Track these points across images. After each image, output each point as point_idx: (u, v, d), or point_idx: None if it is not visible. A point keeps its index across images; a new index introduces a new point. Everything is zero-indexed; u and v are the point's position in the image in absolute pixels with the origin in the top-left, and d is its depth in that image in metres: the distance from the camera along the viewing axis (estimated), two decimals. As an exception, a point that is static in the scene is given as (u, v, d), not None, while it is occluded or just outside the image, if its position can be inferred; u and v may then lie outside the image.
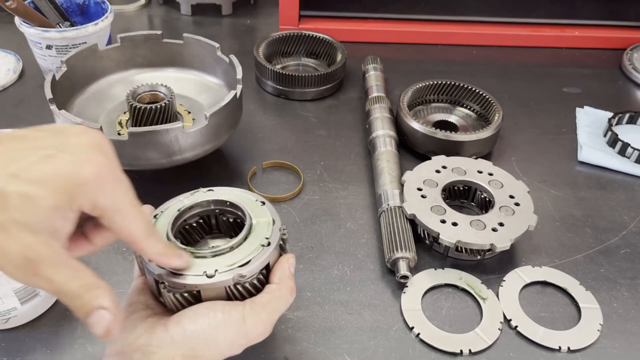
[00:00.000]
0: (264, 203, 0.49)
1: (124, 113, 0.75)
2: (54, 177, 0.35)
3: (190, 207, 0.49)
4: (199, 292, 0.44)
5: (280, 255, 0.48)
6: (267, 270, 0.46)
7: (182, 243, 0.45)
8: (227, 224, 0.51)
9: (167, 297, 0.44)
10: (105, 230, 0.40)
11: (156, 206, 0.50)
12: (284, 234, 0.47)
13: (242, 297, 0.45)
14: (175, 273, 0.43)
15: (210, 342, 0.42)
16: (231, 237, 0.51)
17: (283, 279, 0.46)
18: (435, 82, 0.86)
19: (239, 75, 0.72)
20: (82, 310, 0.36)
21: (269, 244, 0.45)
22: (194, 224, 0.51)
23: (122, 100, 0.76)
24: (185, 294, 0.44)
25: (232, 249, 0.45)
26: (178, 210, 0.48)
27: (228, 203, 0.49)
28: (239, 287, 0.44)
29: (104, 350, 0.55)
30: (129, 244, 0.40)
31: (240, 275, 0.43)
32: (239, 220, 0.49)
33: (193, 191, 0.51)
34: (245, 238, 0.46)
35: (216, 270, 0.43)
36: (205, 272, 0.43)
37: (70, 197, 0.35)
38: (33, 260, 0.34)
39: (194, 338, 0.42)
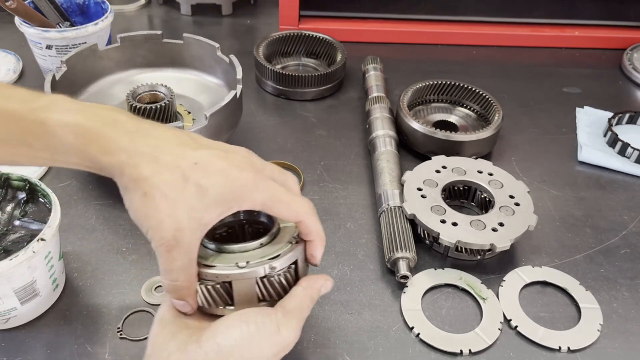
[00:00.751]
0: None
1: (124, 113, 0.75)
2: (224, 172, 0.41)
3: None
4: (230, 283, 0.44)
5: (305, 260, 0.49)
6: (296, 269, 0.47)
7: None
8: (254, 233, 0.52)
9: (198, 290, 0.45)
10: None
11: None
12: None
13: (271, 293, 0.46)
14: (207, 265, 0.44)
15: (245, 356, 0.41)
16: None
17: (310, 281, 0.46)
18: (435, 82, 0.86)
19: (239, 75, 0.72)
20: (172, 294, 0.43)
21: (297, 242, 0.47)
22: (224, 234, 0.51)
23: (122, 100, 0.76)
24: (217, 286, 0.44)
25: (261, 245, 0.47)
26: None
27: (255, 213, 0.51)
28: (270, 279, 0.45)
29: (104, 350, 0.55)
30: (297, 222, 0.46)
31: (271, 267, 0.44)
32: (266, 230, 0.49)
33: None
34: (274, 238, 0.48)
35: (247, 262, 0.44)
36: (237, 263, 0.44)
37: (230, 195, 0.41)
38: (177, 241, 0.40)
39: (229, 352, 0.40)
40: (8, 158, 0.44)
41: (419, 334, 0.58)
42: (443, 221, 0.64)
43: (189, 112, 0.76)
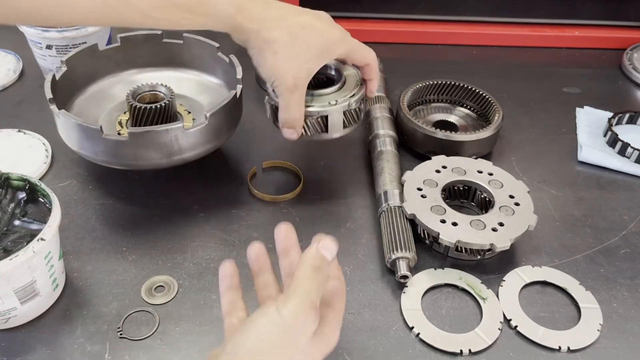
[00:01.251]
0: (344, 62, 0.69)
1: (124, 113, 0.75)
2: (321, 34, 0.60)
3: None
4: (326, 117, 0.65)
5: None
6: (365, 102, 0.69)
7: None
8: (321, 82, 0.70)
9: (304, 124, 0.64)
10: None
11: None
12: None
13: (351, 121, 0.67)
14: (308, 105, 0.64)
15: (258, 347, 0.40)
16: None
17: (304, 253, 0.44)
18: (435, 82, 0.86)
19: (239, 75, 0.72)
20: (287, 125, 0.63)
21: (361, 84, 0.68)
22: None
23: (122, 100, 0.76)
24: (318, 119, 0.65)
25: (339, 89, 0.67)
26: None
27: (327, 66, 0.69)
28: (351, 111, 0.66)
29: (104, 350, 0.55)
30: (365, 65, 0.66)
31: (351, 102, 0.65)
32: (332, 78, 0.70)
33: None
34: (344, 84, 0.67)
35: (336, 101, 0.65)
36: (329, 102, 0.65)
37: (325, 50, 0.60)
38: (296, 85, 0.59)
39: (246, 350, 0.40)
40: (174, 20, 0.56)
41: (418, 333, 0.58)
42: (443, 221, 0.64)
43: (189, 112, 0.76)
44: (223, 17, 0.57)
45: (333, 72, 0.70)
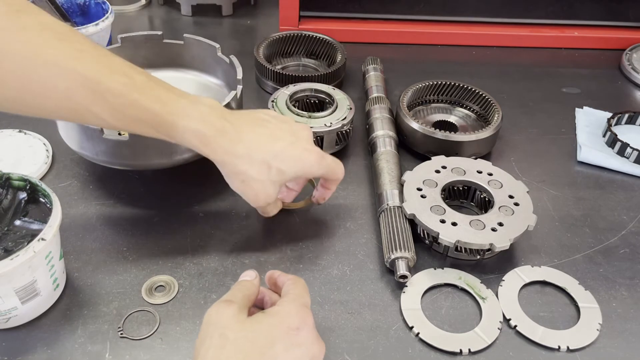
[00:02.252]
0: (334, 89, 0.81)
1: (125, 113, 0.76)
2: (296, 159, 0.59)
3: (295, 93, 0.81)
4: (322, 137, 0.75)
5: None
6: (352, 123, 0.78)
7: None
8: (315, 105, 0.82)
9: None
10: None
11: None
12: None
13: (342, 140, 0.78)
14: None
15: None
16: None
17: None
18: (435, 83, 0.87)
19: (240, 75, 0.72)
20: (265, 215, 0.65)
21: (350, 108, 0.79)
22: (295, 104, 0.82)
23: (122, 100, 0.76)
24: (315, 139, 0.72)
25: (332, 112, 0.78)
26: (289, 95, 0.80)
27: (314, 89, 0.82)
28: (342, 131, 0.76)
29: (105, 350, 0.55)
30: (335, 180, 0.65)
31: (343, 125, 0.76)
32: (323, 102, 0.82)
33: (285, 87, 0.82)
34: (337, 107, 0.78)
35: (331, 123, 0.76)
36: (324, 124, 0.75)
37: (300, 173, 0.61)
38: (268, 202, 0.61)
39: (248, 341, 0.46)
40: (139, 131, 0.55)
41: (418, 333, 0.58)
42: (442, 221, 0.64)
43: (189, 113, 0.76)
44: (187, 144, 0.56)
45: (325, 97, 0.81)
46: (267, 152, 0.57)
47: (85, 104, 0.51)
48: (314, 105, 0.84)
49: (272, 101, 0.79)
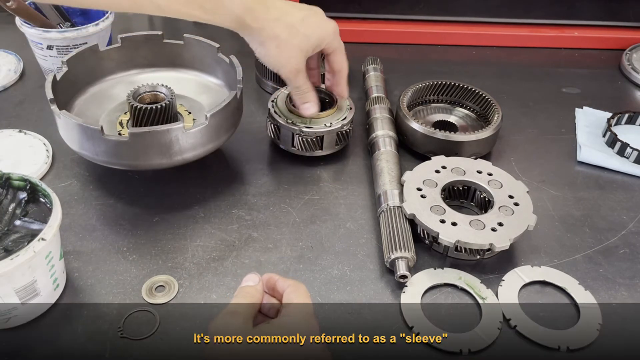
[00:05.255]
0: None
1: (125, 113, 0.76)
2: (318, 25, 0.69)
3: None
4: (322, 136, 0.76)
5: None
6: (352, 123, 0.79)
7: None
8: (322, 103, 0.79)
9: (300, 143, 0.75)
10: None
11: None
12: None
13: (342, 140, 0.78)
14: (307, 126, 0.75)
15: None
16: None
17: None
18: (435, 83, 0.87)
19: (239, 75, 0.72)
20: (302, 100, 0.73)
21: (350, 108, 0.79)
22: None
23: (122, 100, 0.76)
24: (315, 138, 0.75)
25: (334, 112, 0.77)
26: (288, 95, 0.78)
27: (318, 89, 0.78)
28: (342, 131, 0.76)
29: (105, 350, 0.55)
30: (335, 73, 0.75)
31: (343, 124, 0.76)
32: (323, 102, 0.79)
33: (285, 87, 0.80)
34: (337, 108, 0.78)
35: (331, 123, 0.76)
36: (325, 124, 0.75)
37: (321, 40, 0.69)
38: (298, 68, 0.69)
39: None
40: (185, 14, 0.62)
41: (418, 333, 0.58)
42: (442, 221, 0.64)
43: (190, 113, 0.77)
44: (231, 16, 0.63)
45: (325, 96, 0.80)
46: (295, 17, 0.66)
47: None
48: None
49: (272, 101, 0.79)
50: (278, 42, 0.66)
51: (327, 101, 0.80)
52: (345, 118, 0.77)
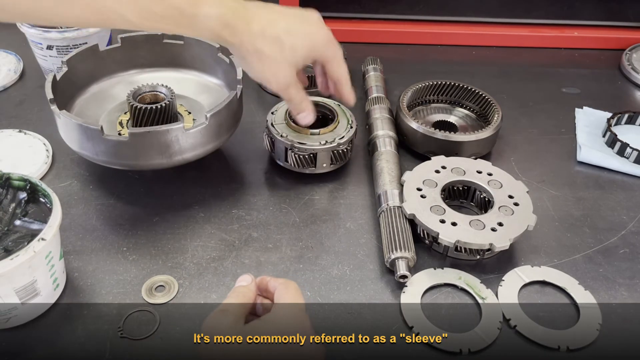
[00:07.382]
0: (339, 105, 0.76)
1: (125, 113, 0.76)
2: (307, 35, 0.62)
3: None
4: (316, 154, 0.72)
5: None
6: (351, 143, 0.75)
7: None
8: (317, 119, 0.72)
9: (293, 159, 0.72)
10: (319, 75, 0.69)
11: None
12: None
13: (337, 159, 0.73)
14: (301, 142, 0.71)
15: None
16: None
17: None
18: (435, 83, 0.87)
19: (239, 75, 0.72)
20: (298, 110, 0.67)
21: (351, 127, 0.75)
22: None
23: (122, 100, 0.76)
24: (309, 155, 0.72)
25: (332, 130, 0.73)
26: (287, 109, 0.75)
27: (321, 104, 0.77)
28: (338, 150, 0.73)
29: (105, 350, 0.55)
30: (335, 82, 0.68)
31: (339, 144, 0.72)
32: (326, 117, 0.76)
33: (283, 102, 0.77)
34: (337, 124, 0.74)
35: (326, 141, 0.72)
36: (319, 141, 0.71)
37: (311, 50, 0.63)
38: (288, 82, 0.63)
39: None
40: (160, 29, 0.60)
41: (418, 333, 0.58)
42: (442, 221, 0.64)
43: (189, 113, 0.77)
44: (208, 32, 0.59)
45: (328, 112, 0.77)
46: (280, 28, 0.60)
47: (111, 5, 0.55)
48: (316, 120, 0.74)
49: (272, 113, 0.76)
50: (260, 56, 0.60)
51: (329, 117, 0.76)
52: (342, 137, 0.73)
